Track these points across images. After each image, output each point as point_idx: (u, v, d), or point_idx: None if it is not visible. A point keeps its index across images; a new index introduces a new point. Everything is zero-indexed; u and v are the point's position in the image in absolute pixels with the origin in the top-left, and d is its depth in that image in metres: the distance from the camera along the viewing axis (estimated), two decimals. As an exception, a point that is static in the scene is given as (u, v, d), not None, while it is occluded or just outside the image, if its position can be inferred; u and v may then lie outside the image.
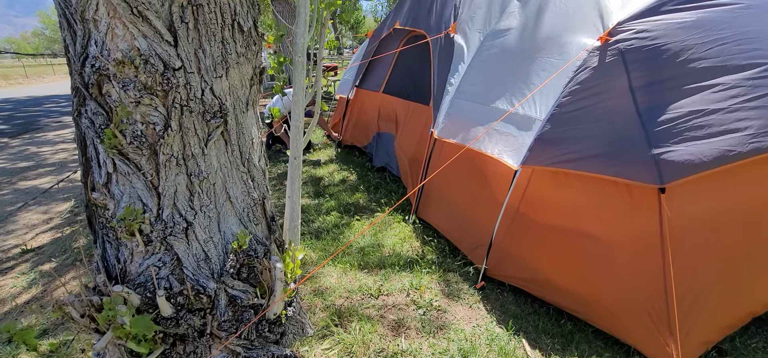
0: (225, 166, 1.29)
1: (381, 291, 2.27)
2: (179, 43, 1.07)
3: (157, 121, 1.10)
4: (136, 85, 1.04)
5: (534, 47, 2.36)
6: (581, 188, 1.98)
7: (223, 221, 1.33)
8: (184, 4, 1.06)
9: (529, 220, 2.17)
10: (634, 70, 1.88)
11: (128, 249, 1.20)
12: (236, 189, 1.34)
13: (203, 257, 1.28)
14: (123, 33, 1.01)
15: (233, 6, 1.18)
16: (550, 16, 2.38)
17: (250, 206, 1.40)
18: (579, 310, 2.00)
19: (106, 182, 1.16)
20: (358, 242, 2.78)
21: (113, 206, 1.17)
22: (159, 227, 1.18)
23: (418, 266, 2.50)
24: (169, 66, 1.06)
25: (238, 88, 1.26)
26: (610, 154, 1.88)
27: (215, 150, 1.25)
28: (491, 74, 2.65)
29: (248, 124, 1.33)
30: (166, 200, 1.18)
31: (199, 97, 1.14)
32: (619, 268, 1.86)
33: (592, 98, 1.97)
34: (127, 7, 0.98)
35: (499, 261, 2.31)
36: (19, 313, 2.27)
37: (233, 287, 1.33)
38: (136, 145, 1.10)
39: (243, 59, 1.25)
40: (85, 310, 1.12)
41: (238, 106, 1.27)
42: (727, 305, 1.83)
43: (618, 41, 1.92)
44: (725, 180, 1.77)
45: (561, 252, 2.03)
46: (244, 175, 1.35)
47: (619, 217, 1.88)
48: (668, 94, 1.85)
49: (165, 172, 1.16)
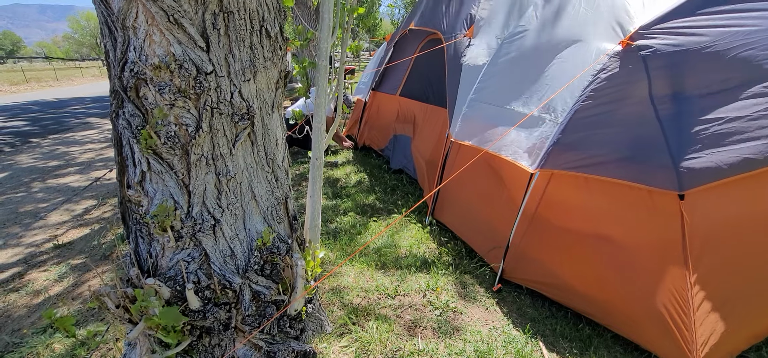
0: (251, 166, 1.34)
1: (397, 291, 2.29)
2: (211, 49, 1.13)
3: (189, 123, 1.16)
4: (170, 89, 1.10)
5: (552, 50, 2.36)
6: (601, 192, 1.96)
7: (249, 219, 1.38)
8: (216, 12, 1.12)
9: (547, 223, 2.17)
10: (655, 77, 1.86)
11: (160, 244, 1.26)
12: (261, 188, 1.39)
13: (229, 253, 1.33)
14: (160, 39, 1.07)
15: (261, 13, 1.23)
16: (567, 19, 2.37)
17: (274, 205, 1.45)
18: (598, 315, 1.99)
19: (141, 180, 1.23)
20: (375, 243, 2.82)
21: (147, 202, 1.23)
22: (189, 223, 1.24)
23: (435, 267, 2.51)
24: (202, 70, 1.12)
25: (265, 91, 1.31)
26: (630, 159, 1.87)
27: (242, 150, 1.30)
28: (508, 77, 2.65)
29: (273, 126, 1.38)
30: (196, 197, 1.24)
31: (228, 99, 1.20)
32: (639, 273, 1.84)
33: (613, 103, 1.96)
34: (164, 15, 1.04)
35: (516, 264, 2.31)
36: (52, 304, 2.39)
37: (257, 282, 1.38)
38: (170, 145, 1.16)
39: (269, 63, 1.30)
40: (120, 301, 1.18)
41: (264, 109, 1.32)
42: (752, 314, 1.80)
43: (640, 46, 1.91)
44: (747, 188, 1.74)
45: (580, 256, 2.02)
46: (268, 175, 1.40)
47: (639, 222, 1.86)
48: (690, 101, 1.82)
49: (195, 171, 1.21)
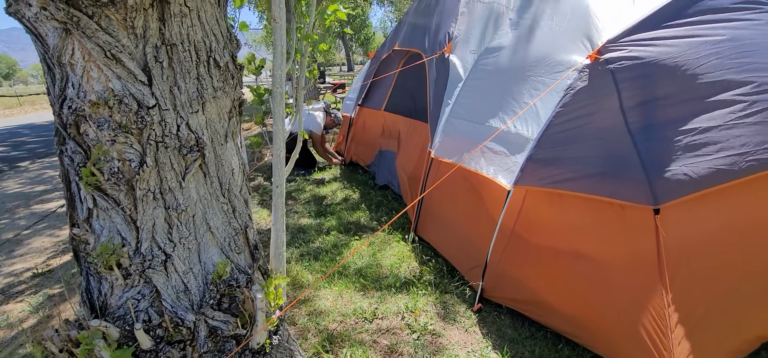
0: (204, 197, 1.31)
1: (376, 314, 2.24)
2: (154, 82, 1.11)
3: (132, 158, 1.13)
4: (110, 125, 1.07)
5: (526, 66, 2.35)
6: (576, 209, 1.93)
7: (204, 252, 1.34)
8: (158, 45, 1.10)
9: (524, 241, 2.13)
10: (625, 89, 1.85)
11: (108, 282, 1.22)
12: (217, 220, 1.36)
13: (183, 288, 1.29)
14: (98, 75, 1.05)
15: (209, 43, 1.21)
16: (541, 34, 2.37)
17: (232, 236, 1.41)
18: (576, 334, 1.94)
19: (87, 217, 1.19)
20: (355, 263, 2.77)
21: (93, 240, 1.20)
22: (137, 260, 1.20)
23: (415, 287, 2.47)
24: (143, 104, 1.09)
25: (216, 122, 1.28)
26: (603, 174, 1.84)
27: (194, 182, 1.27)
28: (485, 93, 2.64)
29: (228, 156, 1.36)
30: (145, 233, 1.20)
31: (174, 132, 1.17)
32: (616, 290, 1.80)
33: (583, 118, 1.94)
34: (101, 50, 1.02)
35: (495, 282, 2.27)
36: (18, 345, 2.31)
37: (213, 317, 1.34)
38: (114, 181, 1.13)
39: (220, 93, 1.28)
40: (64, 345, 1.14)
41: (216, 139, 1.29)
42: (732, 328, 1.75)
43: (608, 60, 1.90)
44: (722, 199, 1.71)
45: (557, 274, 1.99)
46: (224, 206, 1.37)
47: (615, 238, 1.83)
48: (661, 113, 1.81)
49: (143, 206, 1.18)
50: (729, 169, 1.72)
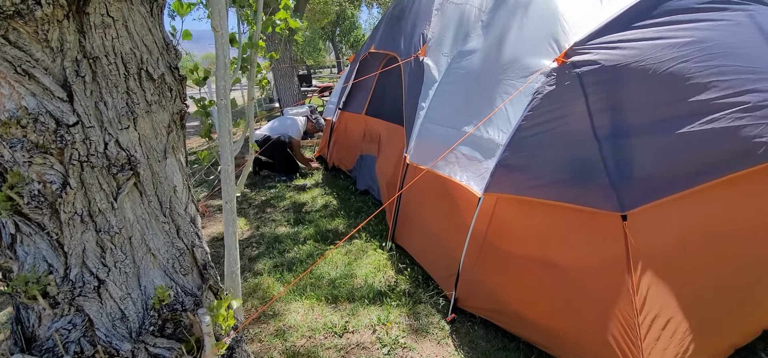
0: (142, 218, 1.23)
1: (347, 328, 2.17)
2: (75, 98, 1.03)
3: (54, 180, 1.05)
4: (24, 145, 0.99)
5: (498, 69, 2.30)
6: (545, 216, 1.89)
7: (145, 275, 1.27)
8: (79, 58, 1.02)
9: (496, 248, 2.08)
10: (592, 93, 1.81)
11: (35, 313, 1.14)
12: (158, 241, 1.28)
13: (119, 315, 1.21)
14: (9, 92, 0.97)
15: (139, 55, 1.13)
16: (512, 37, 2.32)
17: (176, 257, 1.33)
18: (549, 345, 1.89)
19: (11, 244, 1.11)
20: (329, 274, 2.70)
21: (18, 267, 1.12)
22: (66, 287, 1.12)
23: (388, 298, 2.40)
24: (63, 122, 1.02)
25: (151, 138, 1.21)
26: (571, 180, 1.80)
27: (129, 203, 1.19)
28: (458, 97, 2.59)
29: (169, 173, 1.28)
30: (74, 258, 1.12)
31: (101, 151, 1.09)
32: (586, 300, 1.76)
33: (551, 123, 1.89)
34: (10, 66, 0.94)
35: (469, 292, 2.21)
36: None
37: (155, 345, 1.26)
38: (35, 205, 1.05)
39: (156, 107, 1.20)
40: (-17, 382, 1.05)
41: (152, 156, 1.22)
42: (703, 335, 1.71)
43: (575, 63, 1.85)
44: (690, 204, 1.68)
45: (528, 282, 1.94)
46: (165, 226, 1.29)
47: (584, 246, 1.79)
48: (628, 117, 1.77)
49: (70, 230, 1.10)
50: (696, 174, 1.68)
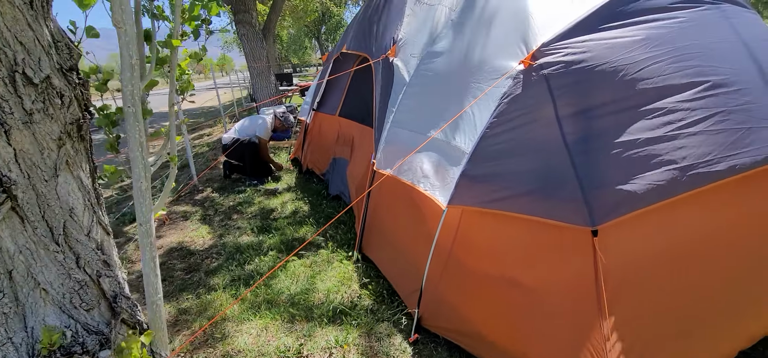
0: (26, 247, 1.04)
1: (301, 352, 2.00)
2: None
3: None
4: None
5: (466, 72, 2.15)
6: (510, 230, 1.75)
7: (33, 315, 1.08)
8: None
9: (461, 264, 1.94)
10: (560, 97, 1.67)
11: None
12: (49, 273, 1.09)
13: (-3, 365, 1.02)
14: None
15: (12, 55, 0.95)
16: (482, 38, 2.18)
17: (75, 290, 1.14)
18: (514, 369, 1.75)
19: None
20: (288, 289, 2.52)
21: None
22: None
23: (349, 316, 2.24)
24: None
25: (33, 153, 1.02)
26: (539, 192, 1.66)
27: (7, 231, 1.00)
28: (426, 102, 2.44)
29: (61, 193, 1.09)
30: (-69, 301, 0.93)
31: (-40, 171, 0.90)
32: (553, 321, 1.62)
33: (519, 129, 1.76)
34: None
35: (433, 310, 2.06)
36: None
37: (45, 397, 1.07)
38: None
39: (40, 117, 1.01)
40: None
41: (36, 175, 1.03)
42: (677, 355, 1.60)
43: (542, 65, 1.72)
44: (665, 217, 1.55)
45: (493, 302, 1.80)
46: (58, 255, 1.10)
47: (553, 263, 1.65)
48: (598, 123, 1.64)
49: (-77, 267, 0.91)
50: (671, 185, 1.56)
